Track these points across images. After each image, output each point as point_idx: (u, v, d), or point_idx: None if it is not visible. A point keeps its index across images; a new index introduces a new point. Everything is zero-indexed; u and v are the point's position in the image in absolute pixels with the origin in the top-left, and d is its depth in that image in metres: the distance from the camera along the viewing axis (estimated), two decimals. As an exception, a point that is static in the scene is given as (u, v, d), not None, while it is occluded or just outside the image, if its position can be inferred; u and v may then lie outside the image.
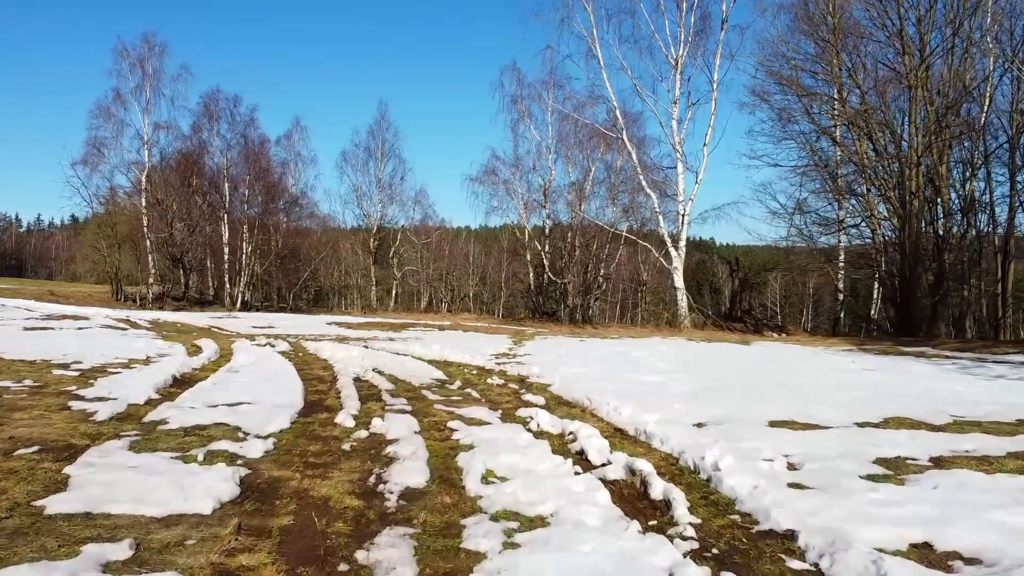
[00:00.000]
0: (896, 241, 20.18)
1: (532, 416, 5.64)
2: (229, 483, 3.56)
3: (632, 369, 8.96)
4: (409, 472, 3.88)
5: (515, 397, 6.74)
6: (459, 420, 5.41)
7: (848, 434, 4.94)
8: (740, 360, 10.66)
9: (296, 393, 6.43)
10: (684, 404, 6.02)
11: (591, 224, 31.93)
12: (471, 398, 6.62)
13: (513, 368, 9.03)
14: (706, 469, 3.98)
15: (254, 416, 5.23)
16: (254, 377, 7.65)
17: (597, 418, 5.79)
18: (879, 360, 10.87)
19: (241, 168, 38.97)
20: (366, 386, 7.30)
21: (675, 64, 23.31)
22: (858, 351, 13.54)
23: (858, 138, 20.46)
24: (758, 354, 11.93)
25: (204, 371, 8.45)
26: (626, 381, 7.70)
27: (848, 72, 19.81)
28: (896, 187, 19.84)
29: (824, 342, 16.28)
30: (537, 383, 7.67)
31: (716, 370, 8.96)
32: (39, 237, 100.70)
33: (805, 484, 3.75)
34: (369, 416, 5.47)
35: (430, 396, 6.59)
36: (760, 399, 6.37)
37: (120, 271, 36.86)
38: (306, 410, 5.78)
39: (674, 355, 11.28)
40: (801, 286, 61.67)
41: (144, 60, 34.47)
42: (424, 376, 8.04)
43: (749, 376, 8.29)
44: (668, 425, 5.11)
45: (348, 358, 10.05)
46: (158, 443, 4.42)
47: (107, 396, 6.10)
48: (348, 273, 50.73)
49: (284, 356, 10.75)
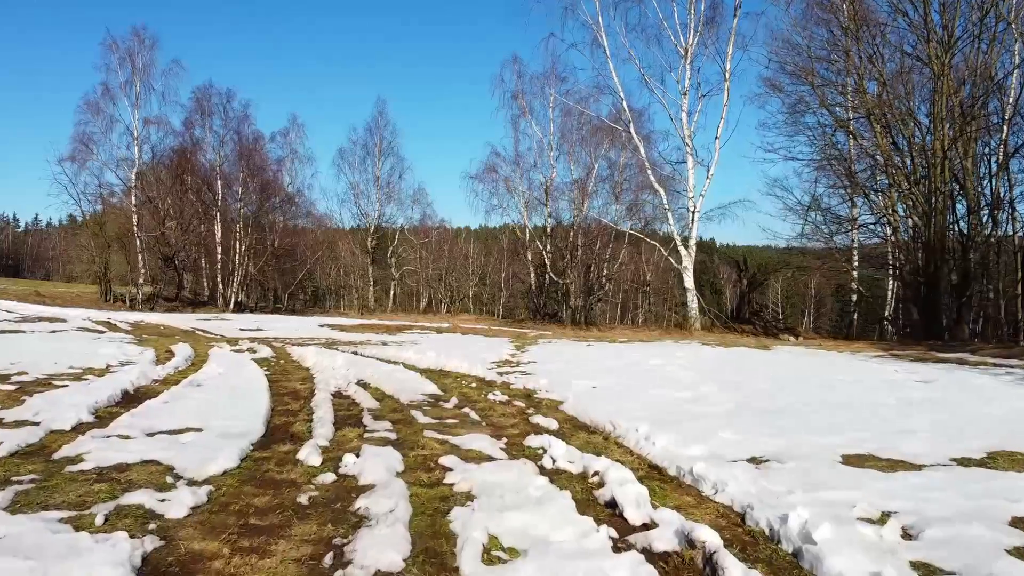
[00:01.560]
0: (919, 239, 19.07)
1: (545, 447, 4.57)
2: (121, 570, 2.48)
3: (653, 381, 7.88)
4: (382, 543, 2.80)
5: (522, 418, 5.65)
6: (454, 454, 4.33)
7: (953, 477, 3.86)
8: (769, 369, 9.58)
9: (259, 415, 5.34)
10: (729, 430, 4.94)
11: (594, 223, 30.89)
12: (469, 420, 5.53)
13: (517, 380, 7.94)
14: (791, 538, 2.90)
15: (196, 450, 4.15)
16: (217, 392, 6.57)
17: (624, 448, 4.71)
18: (925, 369, 9.79)
19: (235, 165, 37.91)
20: (346, 404, 6.21)
21: (684, 53, 22.23)
22: (889, 357, 12.47)
23: (878, 131, 19.36)
24: (786, 361, 10.85)
25: (166, 383, 7.38)
26: (650, 397, 6.61)
27: (869, 58, 18.70)
28: (919, 182, 18.75)
29: (848, 346, 15.20)
30: (547, 399, 6.58)
31: (747, 381, 7.88)
32: (36, 237, 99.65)
33: (936, 566, 2.67)
34: (342, 448, 4.40)
35: (420, 418, 5.50)
36: (818, 423, 5.30)
37: (109, 271, 35.71)
38: (266, 439, 4.70)
39: (694, 362, 10.21)
40: (803, 287, 60.78)
41: (134, 54, 33.41)
42: (415, 390, 6.95)
43: (790, 390, 7.21)
44: (720, 464, 4.04)
45: (332, 367, 8.97)
46: (54, 494, 3.34)
47: (30, 419, 5.03)
48: (347, 273, 49.66)
49: (262, 364, 9.67)
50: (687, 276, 22.47)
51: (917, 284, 18.78)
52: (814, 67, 21.18)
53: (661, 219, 29.99)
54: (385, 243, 42.57)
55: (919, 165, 18.77)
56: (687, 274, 22.44)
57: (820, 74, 21.15)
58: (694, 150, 22.37)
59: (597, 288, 35.54)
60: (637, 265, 44.36)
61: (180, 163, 35.93)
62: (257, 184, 38.26)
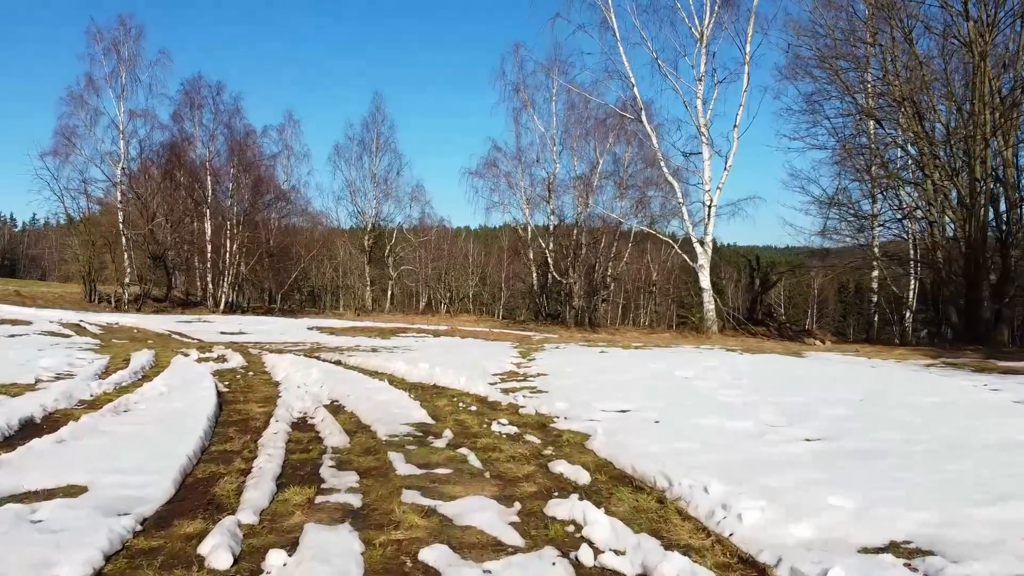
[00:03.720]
0: (958, 236, 17.57)
1: (577, 521, 3.11)
2: None
3: (694, 402, 6.40)
4: None
5: (538, 465, 4.18)
6: (443, 540, 2.85)
7: None
8: (823, 384, 8.09)
9: (177, 462, 3.86)
10: (835, 490, 3.46)
11: (598, 221, 29.45)
12: (467, 469, 4.05)
13: (527, 400, 6.46)
14: None
15: (43, 539, 2.68)
16: (143, 422, 5.09)
17: (692, 522, 3.23)
18: (1006, 383, 8.30)
19: (225, 160, 36.45)
20: (306, 441, 4.73)
21: (700, 37, 20.74)
22: (945, 366, 10.99)
23: (911, 117, 17.85)
24: (837, 375, 9.36)
25: (92, 406, 5.93)
26: (701, 429, 5.13)
27: (904, 36, 17.16)
28: (957, 173, 17.24)
29: (889, 353, 13.71)
30: (567, 432, 5.10)
31: (811, 404, 6.39)
32: (33, 237, 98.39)
33: None
34: (274, 529, 2.92)
35: (400, 467, 4.02)
36: (953, 476, 3.81)
37: (94, 270, 34.22)
38: (169, 509, 3.23)
39: (731, 375, 8.73)
40: (805, 287, 59.40)
41: (119, 43, 31.94)
42: (399, 418, 5.47)
43: (873, 418, 5.72)
44: (858, 562, 2.57)
45: (304, 383, 7.50)
46: None
47: None
48: (345, 273, 48.17)
49: (224, 378, 8.20)
50: (703, 275, 20.97)
51: (957, 284, 17.28)
52: (838, 50, 19.70)
53: (668, 216, 28.59)
54: (383, 242, 41.15)
55: (957, 154, 17.26)
56: (703, 273, 20.93)
57: (845, 58, 19.65)
58: (710, 140, 20.89)
59: (601, 288, 34.11)
60: (643, 264, 42.90)
61: (170, 158, 34.48)
62: (249, 180, 36.80)
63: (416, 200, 40.44)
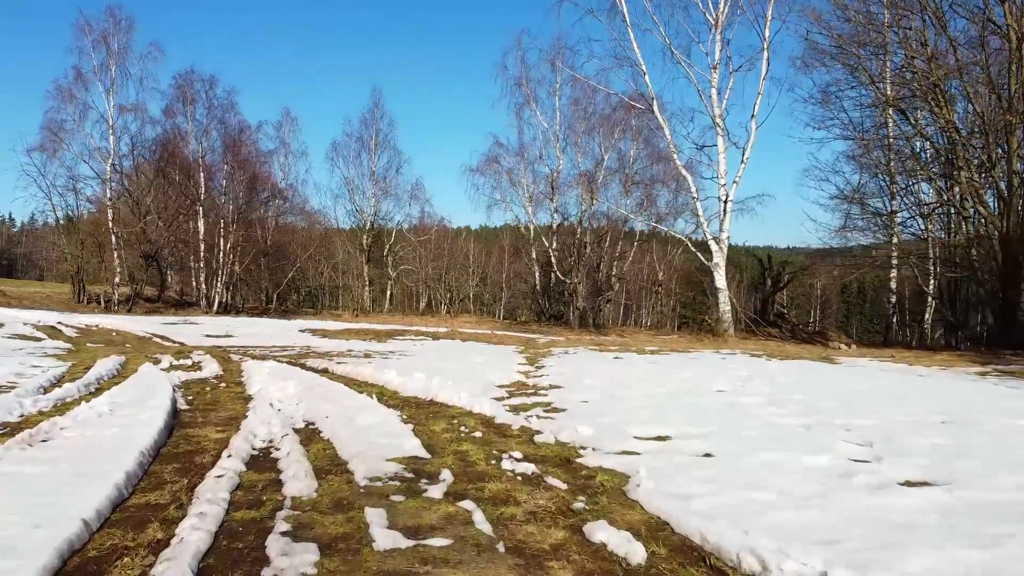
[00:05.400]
0: (991, 232, 16.44)
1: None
2: None
3: (747, 426, 5.27)
4: None
5: (569, 529, 3.06)
6: None
7: None
8: (881, 399, 6.96)
9: (61, 535, 2.75)
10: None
11: (602, 219, 28.36)
12: (472, 538, 2.93)
13: (543, 423, 5.35)
14: None
15: None
16: (57, 457, 3.98)
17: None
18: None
19: (219, 156, 35.38)
20: (260, 488, 3.62)
21: (714, 23, 19.62)
22: (998, 374, 9.90)
23: (943, 105, 16.72)
24: (901, 390, 8.21)
25: (17, 429, 4.84)
26: (773, 470, 4.00)
27: (934, 17, 16.02)
28: (995, 165, 16.11)
29: (930, 359, 12.58)
30: (600, 472, 3.98)
31: (891, 429, 5.28)
32: (31, 237, 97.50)
33: None
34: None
35: (379, 537, 2.89)
36: None
37: (84, 270, 33.14)
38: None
39: (771, 387, 7.62)
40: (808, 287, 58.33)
41: (108, 35, 30.88)
42: (386, 450, 4.36)
43: (976, 450, 4.61)
44: None
45: (280, 399, 6.39)
46: None
47: None
48: (344, 272, 47.05)
49: (189, 391, 7.11)
50: (719, 275, 19.84)
51: (992, 284, 16.17)
52: (860, 36, 18.56)
53: (676, 213, 27.52)
54: (382, 241, 40.06)
55: (993, 145, 16.13)
56: (718, 272, 19.81)
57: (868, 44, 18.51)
58: (726, 131, 19.75)
59: (606, 288, 33.00)
60: (647, 264, 41.76)
61: (162, 154, 33.38)
62: (244, 177, 35.70)
63: (416, 198, 39.40)
